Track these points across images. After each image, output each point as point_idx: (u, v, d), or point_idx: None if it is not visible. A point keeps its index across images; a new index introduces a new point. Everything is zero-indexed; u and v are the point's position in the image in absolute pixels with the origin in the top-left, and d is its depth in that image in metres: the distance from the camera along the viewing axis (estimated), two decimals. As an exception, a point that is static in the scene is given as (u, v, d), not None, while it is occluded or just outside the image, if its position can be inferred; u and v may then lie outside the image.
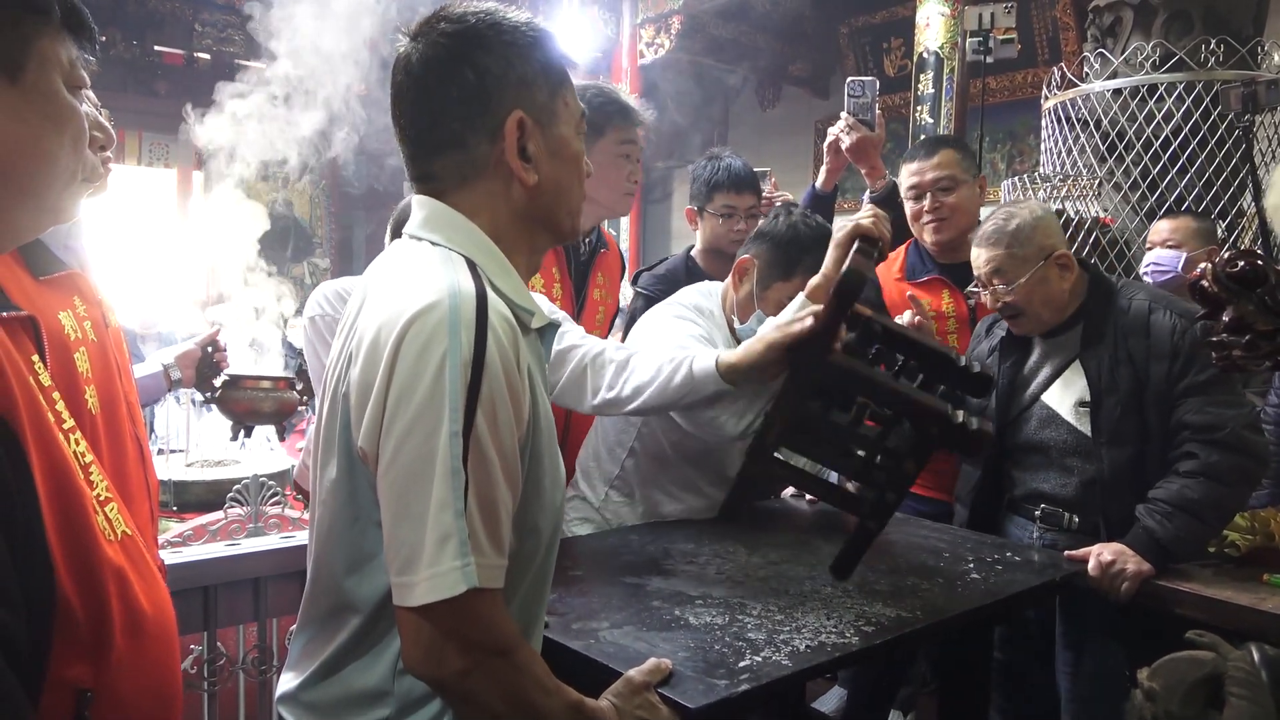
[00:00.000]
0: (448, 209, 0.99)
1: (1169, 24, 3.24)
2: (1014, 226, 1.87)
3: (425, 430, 0.85)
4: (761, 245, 1.75)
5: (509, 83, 0.96)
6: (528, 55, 0.98)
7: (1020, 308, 1.88)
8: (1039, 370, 1.94)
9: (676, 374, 1.45)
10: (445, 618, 0.86)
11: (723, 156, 2.50)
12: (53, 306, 1.22)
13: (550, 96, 1.00)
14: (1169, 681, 0.67)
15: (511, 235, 1.00)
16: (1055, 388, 1.90)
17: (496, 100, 0.96)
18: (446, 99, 0.96)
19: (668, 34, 5.99)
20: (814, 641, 1.19)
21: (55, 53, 0.85)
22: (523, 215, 1.01)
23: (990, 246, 1.89)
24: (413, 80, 0.98)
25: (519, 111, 0.96)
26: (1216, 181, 3.03)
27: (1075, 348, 1.88)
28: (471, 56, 0.96)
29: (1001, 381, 1.96)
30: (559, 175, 1.01)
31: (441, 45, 0.96)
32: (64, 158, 0.85)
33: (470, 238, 0.98)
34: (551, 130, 1.00)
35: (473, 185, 0.99)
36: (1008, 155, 6.30)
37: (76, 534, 0.78)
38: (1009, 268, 1.86)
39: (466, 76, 0.95)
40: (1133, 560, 1.67)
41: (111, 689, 0.80)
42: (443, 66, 0.96)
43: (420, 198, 1.02)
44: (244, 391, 2.26)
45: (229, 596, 1.90)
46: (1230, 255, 0.73)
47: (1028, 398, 1.93)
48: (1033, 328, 1.93)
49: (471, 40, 0.96)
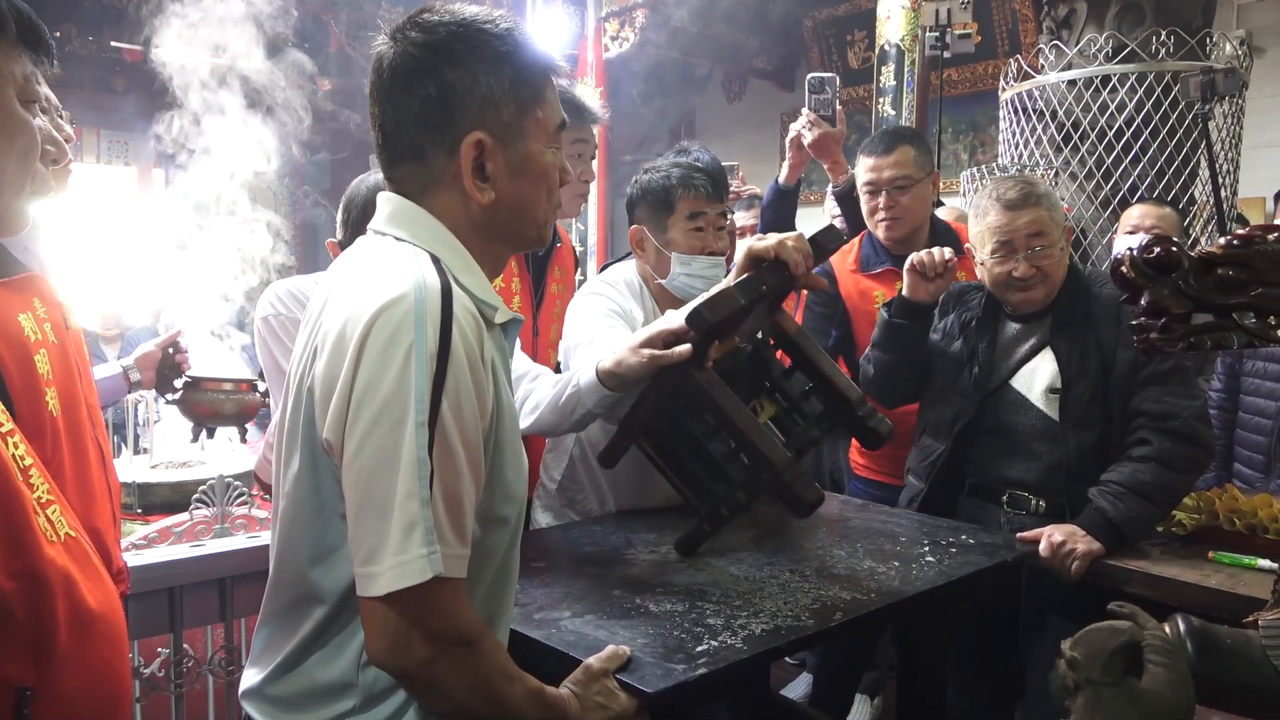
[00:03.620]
0: (413, 205, 1.00)
1: (1121, 16, 3.31)
2: (1044, 190, 1.86)
3: (391, 421, 0.86)
4: (637, 211, 1.84)
5: (473, 101, 0.96)
6: (497, 71, 0.97)
7: (1048, 272, 1.85)
8: (1009, 354, 1.95)
9: (564, 390, 1.47)
10: (410, 606, 0.87)
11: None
12: (12, 309, 1.21)
13: (519, 113, 0.99)
14: (1089, 650, 0.71)
15: (471, 244, 1.01)
16: (1024, 372, 1.92)
17: (459, 118, 0.96)
18: (409, 110, 0.96)
19: (632, 27, 5.99)
20: (770, 625, 1.22)
21: (8, 68, 0.85)
22: (480, 228, 1.01)
23: (1031, 207, 1.84)
24: (382, 85, 0.98)
25: (478, 132, 0.96)
26: (1169, 170, 3.10)
27: (1047, 333, 1.90)
28: (437, 70, 0.95)
29: (979, 362, 1.96)
30: (521, 191, 1.01)
31: (410, 55, 0.96)
32: (12, 171, 0.85)
33: (435, 234, 0.99)
34: (516, 148, 0.99)
35: (433, 194, 1.00)
36: (970, 146, 6.39)
37: (15, 535, 0.79)
38: (1050, 229, 1.84)
39: (429, 90, 0.95)
40: (1083, 540, 1.72)
41: (54, 687, 0.81)
42: (409, 76, 0.96)
43: (386, 194, 1.03)
44: (205, 393, 2.25)
45: (195, 597, 1.90)
46: (1146, 242, 0.76)
47: (996, 381, 1.95)
48: (1044, 298, 1.89)
49: (440, 53, 0.95)
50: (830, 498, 2.11)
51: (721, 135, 7.64)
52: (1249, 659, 0.81)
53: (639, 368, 1.35)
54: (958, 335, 2.02)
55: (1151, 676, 0.70)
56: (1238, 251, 0.73)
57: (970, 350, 1.97)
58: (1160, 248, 0.75)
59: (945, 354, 2.02)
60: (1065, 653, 0.72)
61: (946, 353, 2.02)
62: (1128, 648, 0.71)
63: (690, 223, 1.76)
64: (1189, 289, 0.73)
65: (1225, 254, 0.73)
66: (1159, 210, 2.68)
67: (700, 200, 1.76)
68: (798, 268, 1.38)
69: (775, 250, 1.36)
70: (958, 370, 1.99)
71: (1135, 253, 0.76)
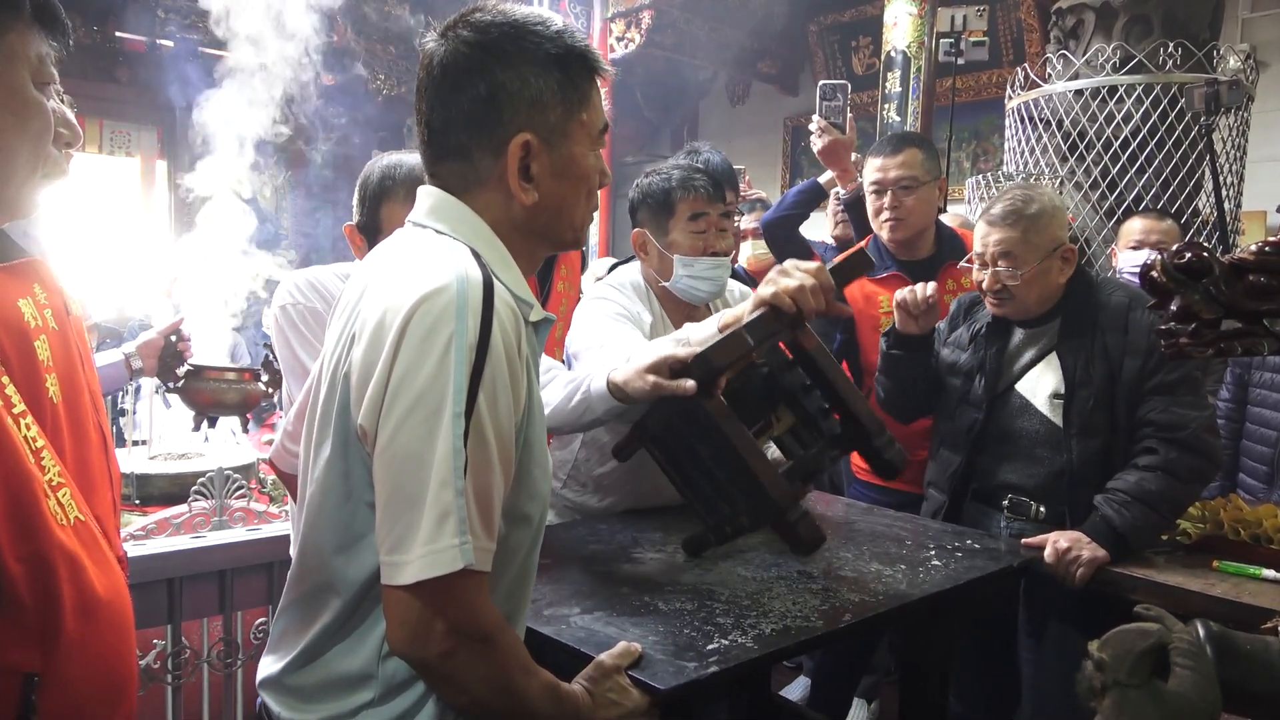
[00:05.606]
0: (455, 200, 1.00)
1: (1129, 27, 3.32)
2: (1033, 211, 1.84)
3: (427, 410, 0.86)
4: (639, 214, 1.85)
5: (521, 102, 0.96)
6: (546, 73, 0.97)
7: (1013, 293, 1.86)
8: (1016, 359, 1.95)
9: (575, 394, 1.46)
10: (434, 597, 0.86)
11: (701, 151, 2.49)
12: (12, 294, 1.20)
13: (565, 116, 0.99)
14: (1117, 652, 0.71)
15: (511, 242, 1.01)
16: (1030, 378, 1.92)
17: (507, 119, 0.96)
18: (458, 109, 0.96)
19: (638, 29, 5.99)
20: (779, 625, 1.22)
21: (23, 48, 0.84)
22: (521, 228, 1.01)
23: (1005, 227, 1.85)
24: (431, 82, 0.98)
25: (526, 134, 0.96)
26: (1173, 182, 3.11)
27: (1054, 339, 1.90)
28: (488, 70, 0.95)
29: (988, 369, 1.95)
30: (563, 193, 1.01)
31: (461, 53, 0.96)
32: (26, 154, 0.85)
33: (475, 230, 0.98)
34: (560, 150, 0.99)
35: (474, 194, 1.00)
36: (973, 154, 6.40)
37: (25, 517, 0.77)
38: (1020, 252, 1.84)
39: (479, 90, 0.95)
40: (1088, 547, 1.72)
41: (61, 673, 0.80)
42: (459, 75, 0.96)
43: (427, 188, 1.02)
44: (207, 382, 2.24)
45: (193, 589, 1.89)
46: (1178, 247, 0.76)
47: (1002, 386, 1.95)
48: (1015, 313, 1.92)
49: (491, 53, 0.95)
50: (834, 500, 2.11)
51: (724, 139, 7.64)
52: (1267, 665, 0.81)
53: (644, 392, 1.34)
54: (967, 346, 2.03)
55: (1178, 679, 0.70)
56: (1269, 258, 0.73)
57: (980, 360, 1.98)
58: (1192, 253, 0.75)
59: (956, 366, 2.02)
60: (1093, 654, 0.72)
61: (957, 365, 2.02)
62: (1155, 650, 0.71)
63: (692, 224, 1.77)
64: (1219, 295, 0.73)
65: (1257, 260, 0.73)
66: (1161, 224, 2.67)
67: (701, 201, 1.76)
68: (812, 313, 1.35)
69: (796, 300, 1.32)
70: (969, 382, 1.99)
71: (1166, 257, 0.76)
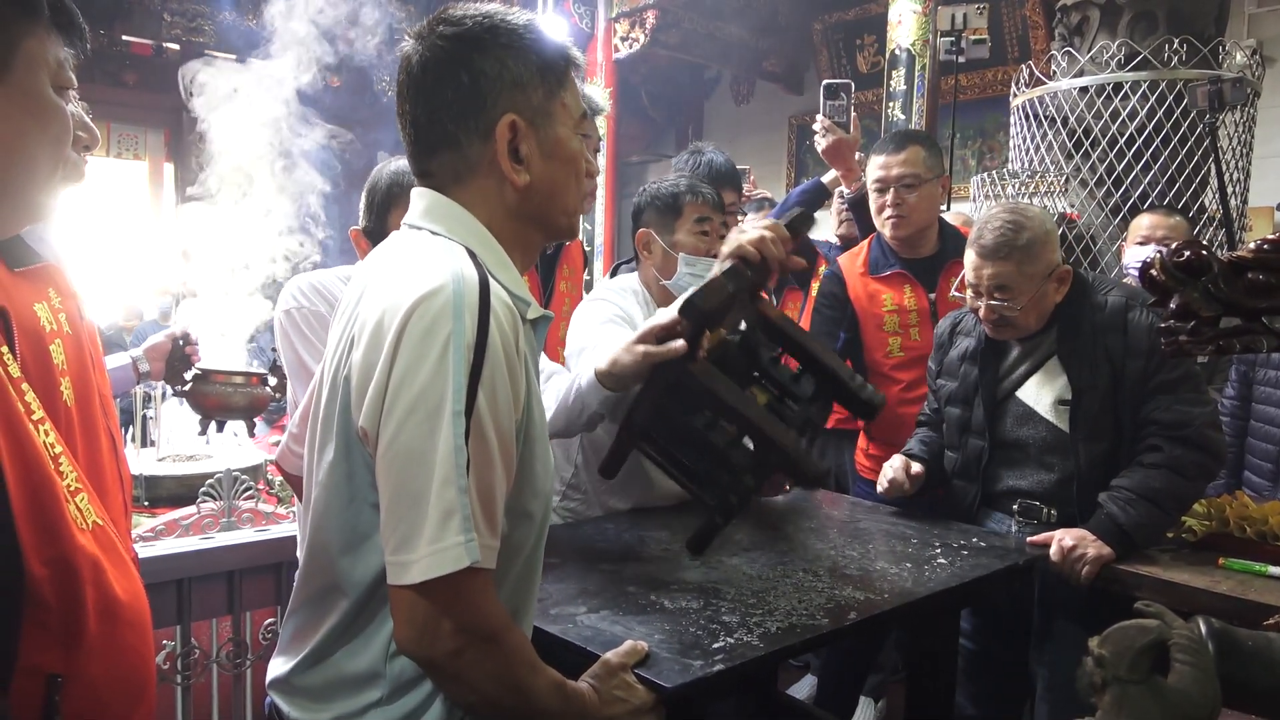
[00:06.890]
0: (448, 200, 1.01)
1: (1134, 24, 3.31)
2: (1024, 241, 1.79)
3: (428, 409, 0.87)
4: (644, 216, 1.91)
5: (503, 85, 0.98)
6: (524, 57, 1.00)
7: (1011, 320, 1.85)
8: (1015, 368, 1.94)
9: (570, 392, 1.50)
10: (441, 596, 0.87)
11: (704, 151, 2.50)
12: (28, 298, 1.22)
13: (547, 98, 1.01)
14: (1117, 648, 0.71)
15: (506, 233, 1.02)
16: (1031, 385, 1.91)
17: (490, 102, 0.98)
18: (442, 100, 0.98)
19: (642, 28, 5.99)
20: (785, 624, 1.22)
21: (42, 52, 0.85)
22: (516, 214, 1.03)
23: (999, 261, 1.80)
24: (413, 81, 1.00)
25: (511, 114, 0.99)
26: (1179, 178, 3.10)
27: (1052, 346, 1.89)
28: (467, 59, 0.98)
29: (983, 389, 1.94)
30: (553, 174, 1.03)
31: (440, 48, 0.99)
32: (45, 157, 0.86)
33: (470, 229, 1.00)
34: (546, 131, 1.02)
35: (467, 184, 1.01)
36: (978, 152, 6.39)
37: (48, 522, 0.79)
38: (1016, 284, 1.81)
39: (461, 79, 0.97)
40: (1093, 545, 1.72)
41: (83, 674, 0.81)
42: (440, 68, 0.98)
43: (420, 190, 1.04)
44: (215, 386, 2.25)
45: (203, 590, 1.90)
46: (1177, 245, 0.77)
47: (1001, 394, 1.94)
48: (1014, 335, 1.91)
49: (468, 43, 0.98)
50: (839, 499, 2.11)
51: (729, 137, 7.65)
52: (1270, 661, 0.81)
53: (634, 365, 1.36)
54: (958, 369, 2.01)
55: (1178, 675, 0.70)
56: (1268, 256, 0.73)
57: (975, 384, 1.96)
58: (1190, 251, 0.75)
59: (954, 395, 2.01)
60: (1093, 650, 0.72)
61: (955, 393, 2.01)
62: (1155, 646, 0.72)
63: (697, 226, 1.85)
64: (1219, 292, 0.74)
65: (1256, 258, 0.73)
66: (1169, 220, 2.65)
67: (706, 208, 1.86)
68: (775, 261, 1.41)
69: (759, 249, 1.38)
70: (968, 409, 1.98)
71: (1165, 256, 0.76)
